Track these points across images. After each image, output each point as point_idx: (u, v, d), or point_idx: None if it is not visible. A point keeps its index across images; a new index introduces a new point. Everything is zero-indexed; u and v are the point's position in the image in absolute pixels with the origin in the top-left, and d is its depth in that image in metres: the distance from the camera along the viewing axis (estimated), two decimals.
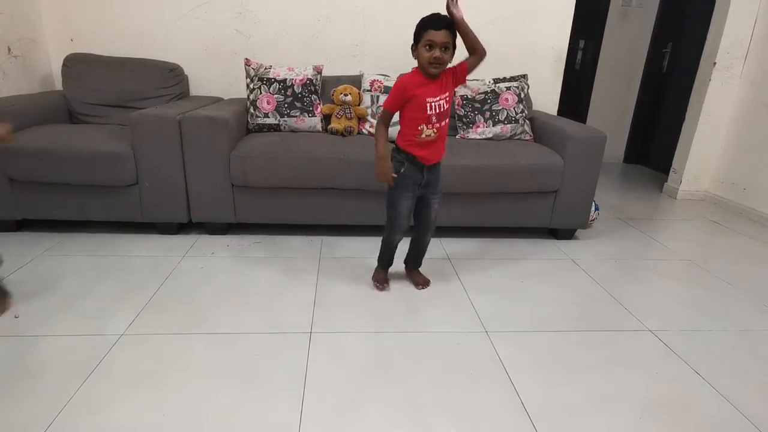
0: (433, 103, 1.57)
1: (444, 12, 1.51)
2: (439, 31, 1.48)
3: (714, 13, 3.08)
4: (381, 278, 1.90)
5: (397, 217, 1.73)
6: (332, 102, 2.61)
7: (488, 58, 1.59)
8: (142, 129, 2.11)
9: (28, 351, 1.43)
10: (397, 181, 1.67)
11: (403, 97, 1.57)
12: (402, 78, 1.60)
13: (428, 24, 1.50)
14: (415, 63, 1.59)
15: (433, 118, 1.58)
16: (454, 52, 1.54)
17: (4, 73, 2.49)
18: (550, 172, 2.27)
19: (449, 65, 1.57)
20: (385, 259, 1.89)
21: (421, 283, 1.90)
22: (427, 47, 1.50)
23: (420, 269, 1.95)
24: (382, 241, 1.85)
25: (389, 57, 2.85)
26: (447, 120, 1.64)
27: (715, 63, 3.06)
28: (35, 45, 2.70)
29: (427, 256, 1.90)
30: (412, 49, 1.58)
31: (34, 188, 2.16)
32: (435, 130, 1.61)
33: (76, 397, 1.24)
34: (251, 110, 2.49)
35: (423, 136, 1.60)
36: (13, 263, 1.95)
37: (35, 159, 2.08)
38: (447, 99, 1.59)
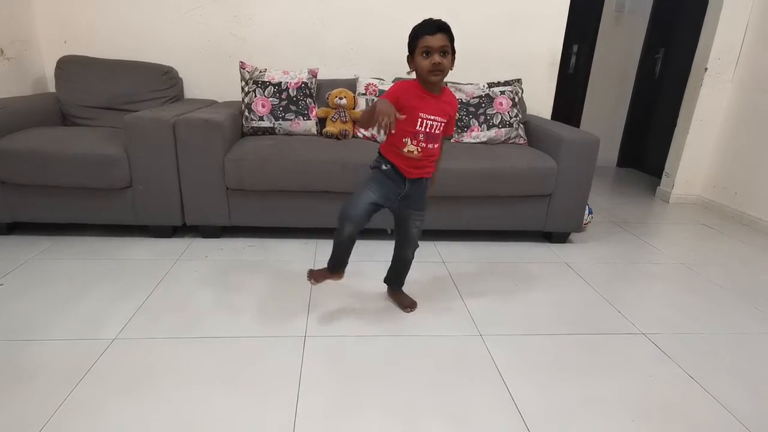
0: (425, 120, 1.46)
1: (437, 17, 1.41)
2: (434, 35, 1.38)
3: (705, 19, 3.12)
4: (318, 275, 1.67)
5: (351, 204, 1.51)
6: (327, 105, 2.61)
7: (483, 62, 1.56)
8: (136, 132, 2.10)
9: (19, 354, 1.41)
10: (373, 173, 1.55)
11: (398, 99, 1.44)
12: (404, 82, 1.48)
13: (422, 30, 1.40)
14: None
15: (421, 135, 1.47)
16: (454, 58, 1.44)
17: None
18: (544, 175, 2.29)
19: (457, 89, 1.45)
20: (334, 257, 1.64)
21: (408, 305, 1.76)
22: (425, 54, 1.39)
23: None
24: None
25: (385, 61, 2.86)
26: (437, 144, 1.52)
27: (706, 68, 3.09)
28: (29, 47, 2.68)
29: (421, 259, 1.89)
30: (408, 61, 1.46)
31: (27, 191, 2.14)
32: (419, 149, 1.48)
33: (68, 402, 1.23)
34: (246, 113, 2.48)
35: (405, 150, 1.49)
36: (4, 266, 1.93)
37: (27, 161, 2.07)
38: (441, 125, 1.49)
